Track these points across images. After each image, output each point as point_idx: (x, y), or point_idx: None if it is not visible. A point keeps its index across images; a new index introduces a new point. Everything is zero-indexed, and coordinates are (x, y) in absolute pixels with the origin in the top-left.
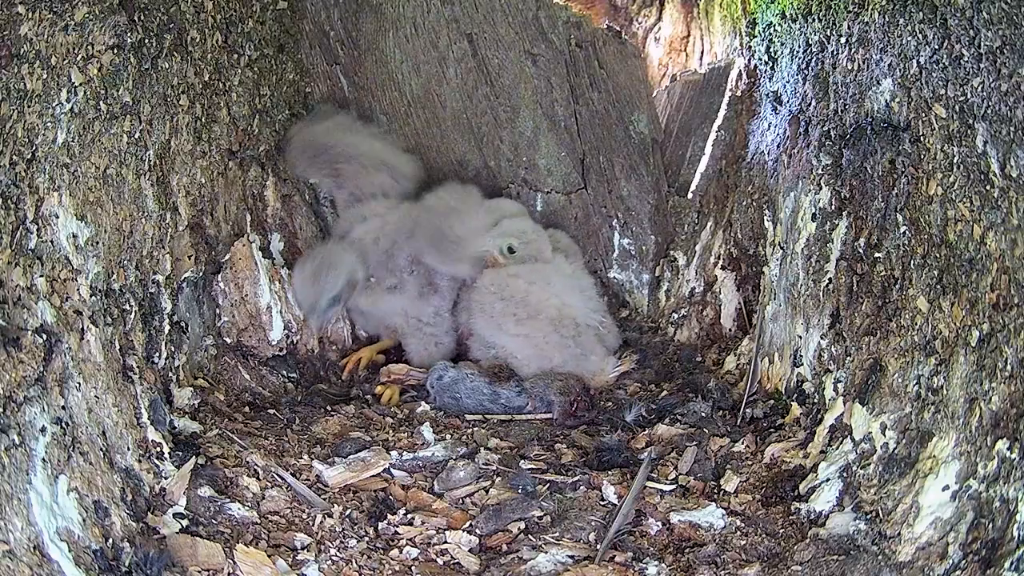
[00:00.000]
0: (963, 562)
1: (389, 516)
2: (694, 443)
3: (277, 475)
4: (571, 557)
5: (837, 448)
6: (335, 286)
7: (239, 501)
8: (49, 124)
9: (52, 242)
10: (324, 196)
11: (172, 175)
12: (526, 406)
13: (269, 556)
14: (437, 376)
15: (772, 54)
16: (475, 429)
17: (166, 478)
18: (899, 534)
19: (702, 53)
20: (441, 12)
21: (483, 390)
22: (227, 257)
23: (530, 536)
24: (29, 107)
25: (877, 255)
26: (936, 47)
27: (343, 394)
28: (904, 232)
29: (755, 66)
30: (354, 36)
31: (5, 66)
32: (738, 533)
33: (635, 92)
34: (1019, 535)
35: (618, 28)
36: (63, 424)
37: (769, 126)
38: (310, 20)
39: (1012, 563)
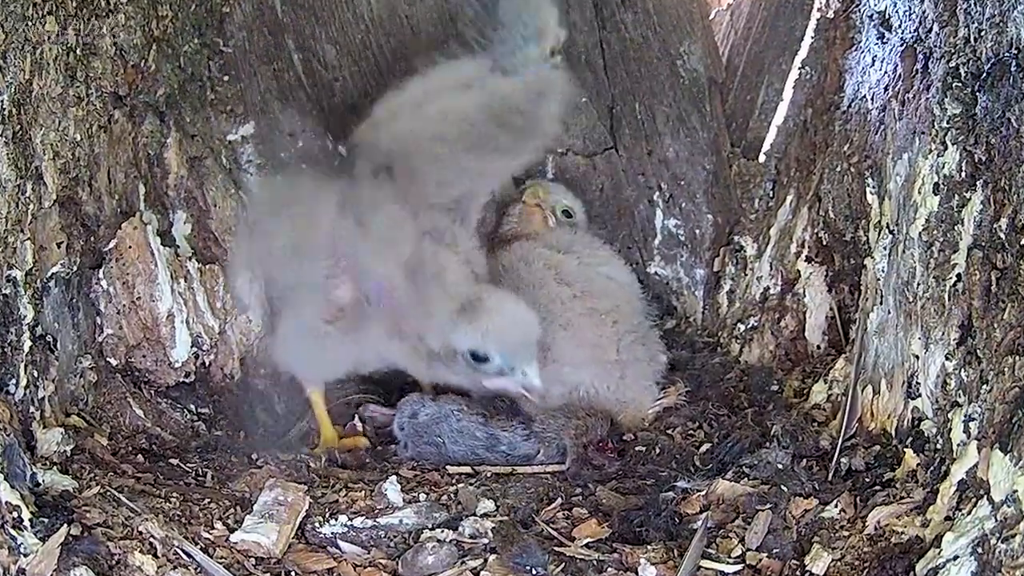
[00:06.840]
0: None
1: None
2: (768, 506)
3: (181, 550)
4: None
5: (969, 513)
6: None
7: None
8: None
9: None
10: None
11: (34, 129)
12: (536, 455)
13: None
14: (410, 413)
15: None
16: (460, 486)
17: (26, 555)
18: None
19: None
20: None
21: (475, 433)
22: (112, 244)
23: None
24: None
25: None
26: None
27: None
28: None
29: None
30: None
31: None
32: None
33: (684, 13)
34: None
35: None
36: None
37: (873, 61)
38: None
39: None
